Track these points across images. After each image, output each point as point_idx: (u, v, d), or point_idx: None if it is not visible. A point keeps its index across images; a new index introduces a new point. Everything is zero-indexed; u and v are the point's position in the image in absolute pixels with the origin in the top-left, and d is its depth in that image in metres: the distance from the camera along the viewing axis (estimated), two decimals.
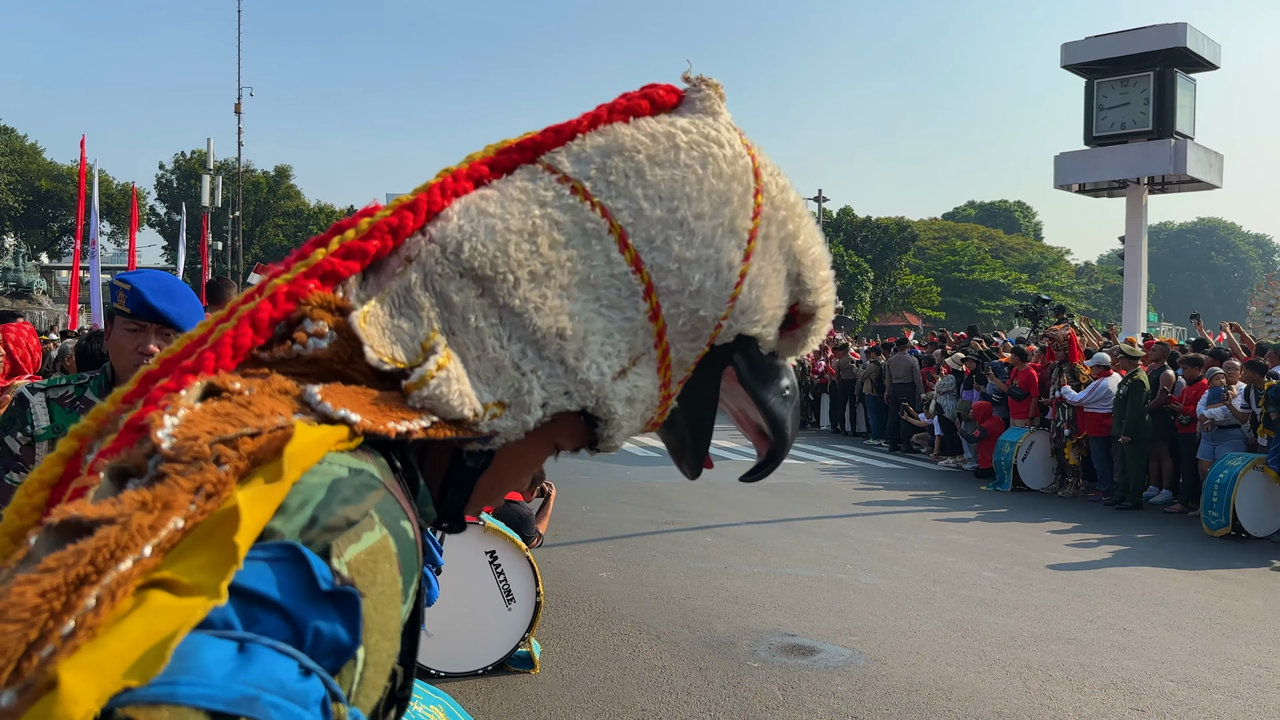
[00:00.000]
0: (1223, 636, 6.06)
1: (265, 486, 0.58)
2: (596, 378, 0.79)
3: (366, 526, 0.62)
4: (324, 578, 0.58)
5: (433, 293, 0.76)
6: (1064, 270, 75.21)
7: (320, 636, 0.57)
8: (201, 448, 0.59)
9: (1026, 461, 12.30)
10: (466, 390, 0.74)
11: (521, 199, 0.79)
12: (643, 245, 0.79)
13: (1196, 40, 17.33)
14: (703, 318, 0.82)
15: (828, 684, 5.04)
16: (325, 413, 0.65)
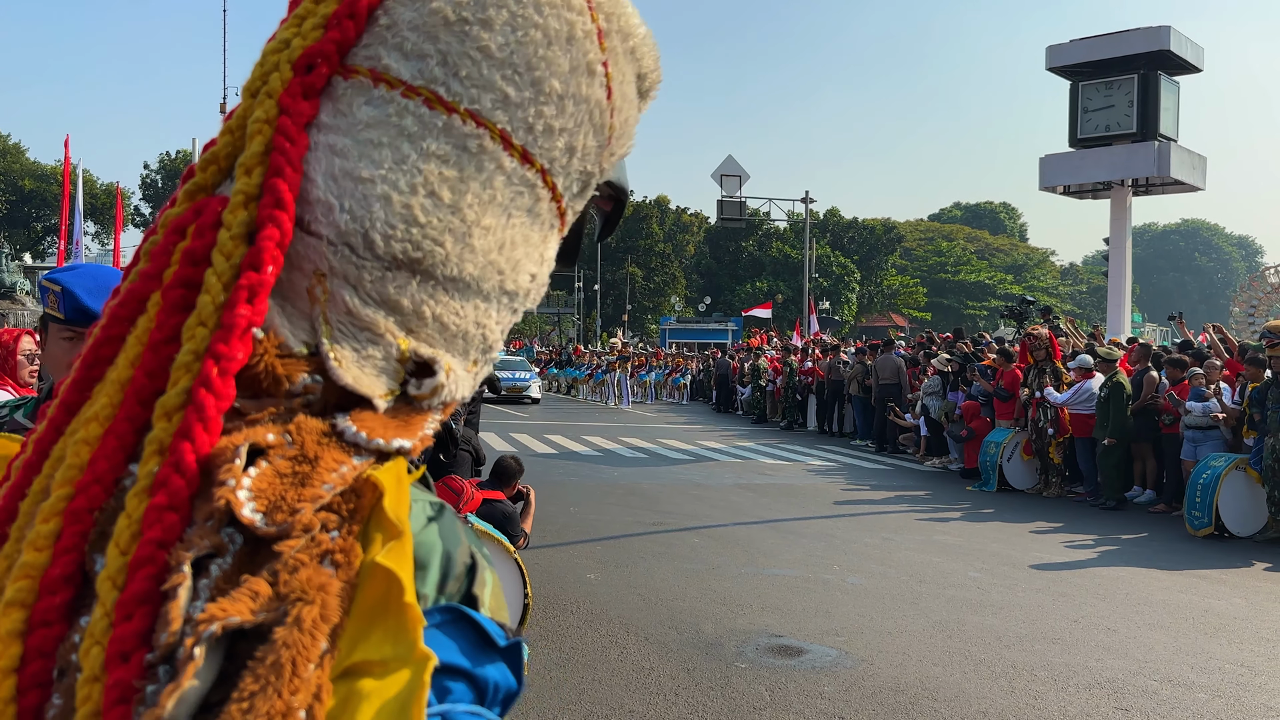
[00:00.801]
0: (1206, 636, 6.11)
1: (395, 545, 0.54)
2: (530, 284, 0.73)
3: (484, 569, 0.62)
4: (498, 636, 0.58)
5: (377, 304, 0.65)
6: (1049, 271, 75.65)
7: (497, 689, 0.58)
8: (308, 519, 0.54)
9: (1012, 462, 12.37)
10: (462, 376, 0.69)
11: (385, 141, 0.64)
12: (526, 137, 0.69)
13: (1180, 43, 17.47)
14: (588, 172, 0.75)
15: (814, 684, 5.06)
16: (379, 449, 0.60)
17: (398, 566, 0.53)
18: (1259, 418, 9.18)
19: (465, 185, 0.66)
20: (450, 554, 0.59)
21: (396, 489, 0.57)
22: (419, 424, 0.64)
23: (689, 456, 15.69)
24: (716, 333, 48.73)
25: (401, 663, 0.51)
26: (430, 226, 0.64)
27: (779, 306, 48.87)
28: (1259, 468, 9.19)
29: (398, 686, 0.50)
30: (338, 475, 0.56)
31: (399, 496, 0.56)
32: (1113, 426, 10.82)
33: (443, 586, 0.58)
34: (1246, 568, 8.17)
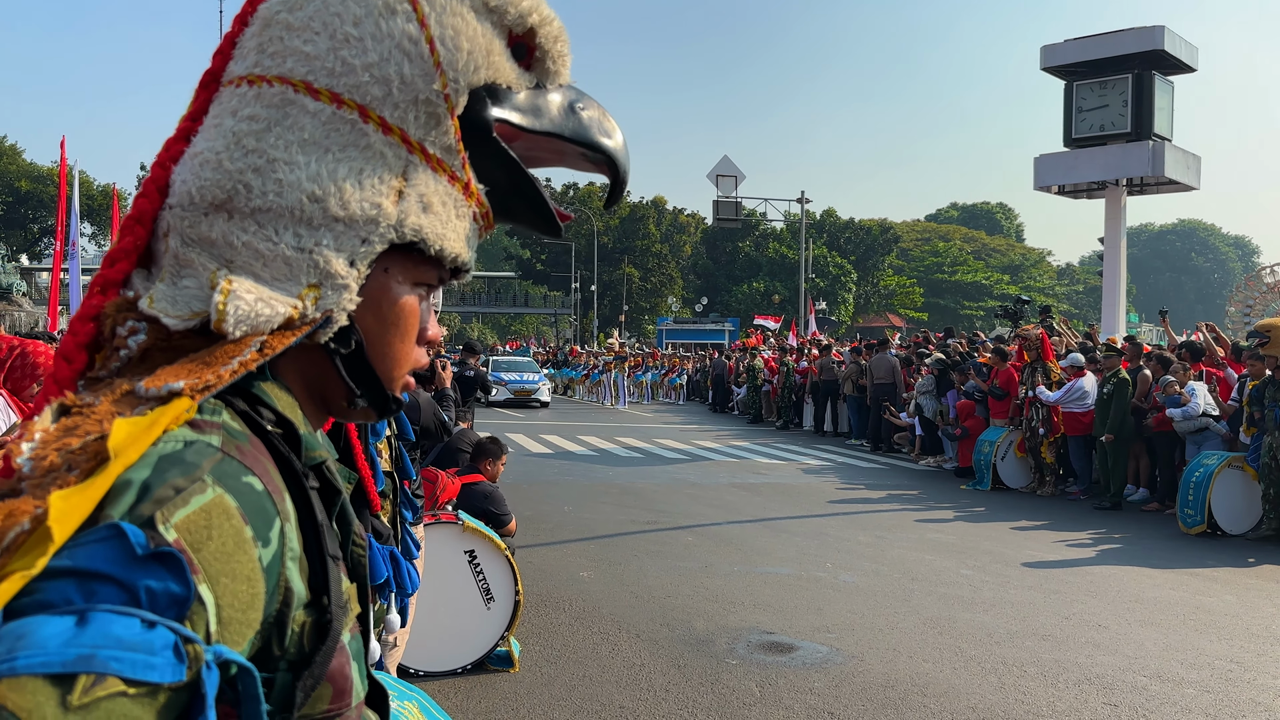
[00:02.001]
0: (1195, 632, 6.13)
1: (86, 482, 0.65)
2: (373, 212, 0.82)
3: (197, 490, 0.69)
4: (139, 544, 0.65)
5: (194, 243, 0.80)
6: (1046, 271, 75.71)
7: (154, 594, 0.64)
8: (50, 461, 0.66)
9: (1005, 461, 12.39)
10: (266, 295, 0.78)
11: (217, 122, 0.83)
12: (329, 81, 0.81)
13: (1174, 43, 17.50)
14: (427, 100, 0.83)
15: (805, 681, 5.07)
16: (154, 396, 0.71)
17: (63, 500, 0.63)
18: (1259, 415, 9.19)
19: (269, 132, 0.81)
20: (154, 482, 0.67)
21: (140, 429, 0.68)
22: (224, 359, 0.75)
23: (684, 456, 15.70)
24: (713, 333, 48.74)
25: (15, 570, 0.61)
26: (233, 171, 0.80)
27: (775, 307, 48.89)
28: (1256, 465, 9.21)
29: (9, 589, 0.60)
30: (99, 426, 0.68)
31: (135, 434, 0.68)
32: (1113, 423, 10.84)
33: (134, 507, 0.66)
34: (1238, 565, 8.18)
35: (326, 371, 0.86)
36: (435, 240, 0.86)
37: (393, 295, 0.87)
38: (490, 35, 0.87)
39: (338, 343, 0.84)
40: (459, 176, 0.87)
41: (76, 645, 0.60)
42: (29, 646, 0.59)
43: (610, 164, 0.97)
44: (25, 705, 0.58)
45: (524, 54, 0.91)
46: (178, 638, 0.64)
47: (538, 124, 0.91)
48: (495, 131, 0.89)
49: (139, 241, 0.81)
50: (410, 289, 0.88)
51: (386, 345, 0.88)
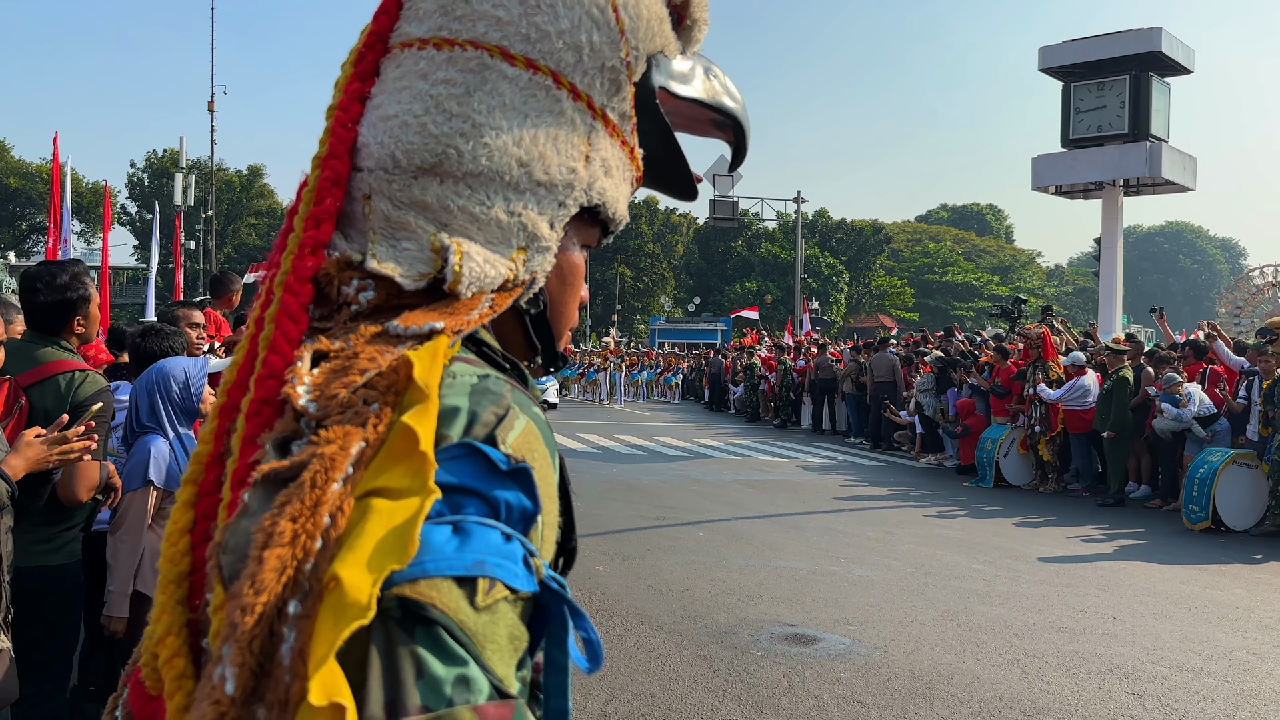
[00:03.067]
0: (1210, 625, 6.19)
1: (421, 406, 0.69)
2: (570, 176, 0.85)
3: (514, 417, 0.74)
4: (500, 461, 0.71)
5: (407, 206, 0.82)
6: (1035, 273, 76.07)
7: (510, 508, 0.70)
8: (346, 397, 0.70)
9: (1008, 458, 12.46)
10: (491, 257, 0.82)
11: (406, 85, 0.83)
12: (524, 47, 0.83)
13: (1171, 45, 17.64)
14: (613, 67, 0.86)
15: (831, 671, 5.11)
16: (415, 334, 0.75)
17: (417, 423, 0.67)
18: (1273, 414, 9.26)
19: (470, 97, 0.82)
20: (477, 408, 0.73)
21: (430, 362, 0.72)
22: (465, 309, 0.80)
23: (686, 454, 15.73)
24: (706, 333, 48.78)
25: (413, 492, 0.65)
26: (440, 136, 0.81)
27: (768, 307, 49.00)
28: (1270, 462, 9.24)
29: (408, 510, 0.64)
30: (374, 363, 0.72)
31: (430, 367, 0.71)
32: (1114, 420, 10.93)
33: (468, 430, 0.71)
34: (1246, 561, 8.26)
35: (513, 330, 0.90)
36: (613, 203, 0.91)
37: (570, 256, 0.92)
38: (661, 3, 0.91)
39: (531, 304, 0.89)
40: (628, 141, 0.91)
41: (470, 552, 0.66)
42: (430, 552, 0.65)
43: (738, 129, 1.02)
44: (448, 603, 0.65)
45: (676, 21, 0.95)
46: (525, 550, 0.70)
47: (689, 91, 0.96)
48: (656, 98, 0.93)
49: (338, 203, 0.82)
50: (580, 249, 0.93)
51: (564, 305, 0.93)
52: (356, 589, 0.60)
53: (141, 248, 52.63)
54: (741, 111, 1.02)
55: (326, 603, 0.60)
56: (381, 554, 0.62)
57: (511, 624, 0.68)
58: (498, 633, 0.67)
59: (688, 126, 1.01)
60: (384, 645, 0.63)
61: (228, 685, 0.61)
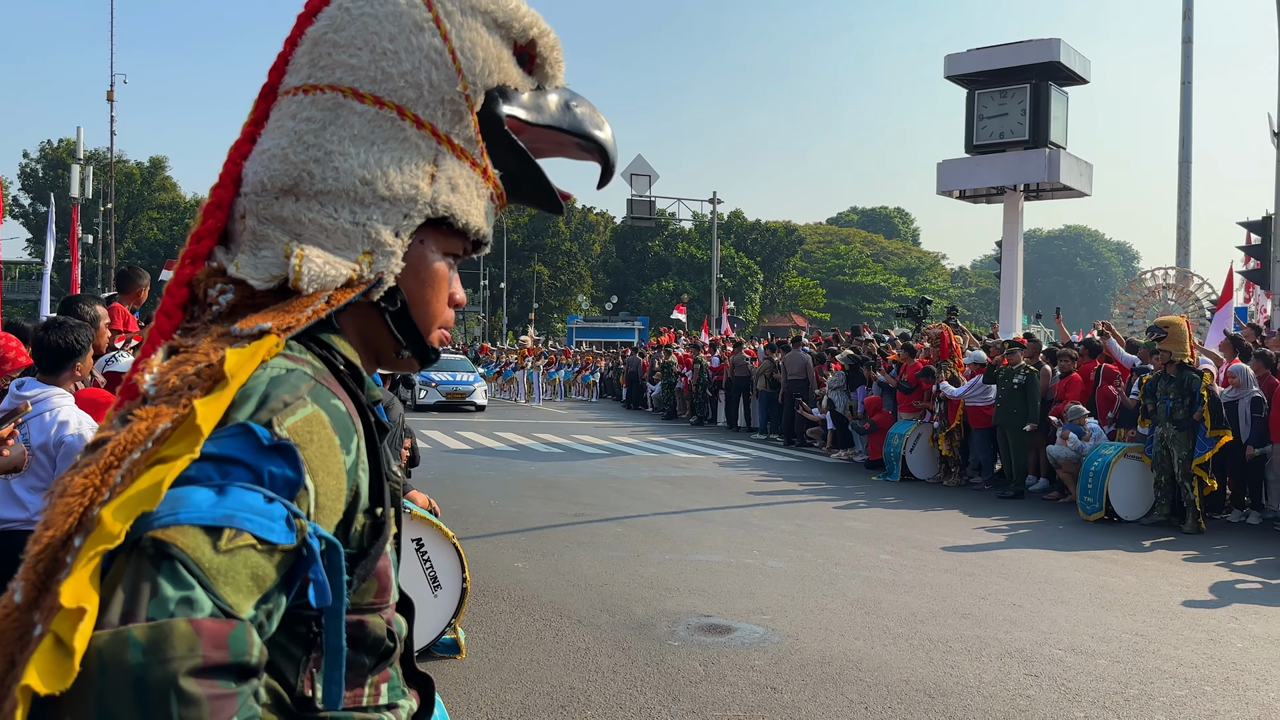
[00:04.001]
0: (1102, 609, 6.51)
1: (219, 392, 0.87)
2: (413, 192, 1.02)
3: (300, 405, 0.90)
4: (265, 438, 0.86)
5: (269, 221, 1.01)
6: (940, 274, 78.32)
7: (274, 477, 0.86)
8: (175, 382, 0.88)
9: (914, 453, 12.86)
10: (333, 259, 0.99)
11: (280, 124, 1.03)
12: (372, 87, 1.02)
13: (1069, 55, 18.37)
14: (452, 100, 1.04)
15: (746, 659, 5.23)
16: (248, 334, 0.93)
17: (204, 405, 0.85)
18: (1151, 408, 9.77)
19: (325, 130, 1.01)
20: (269, 395, 0.89)
21: (247, 357, 0.89)
22: (300, 307, 0.96)
23: (604, 451, 15.80)
24: (623, 331, 48.93)
25: (179, 456, 0.83)
26: (298, 162, 1.01)
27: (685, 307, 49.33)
28: (1151, 454, 9.78)
29: (171, 470, 0.82)
30: (208, 356, 0.89)
31: (244, 362, 0.88)
32: (1031, 413, 11.39)
33: (254, 414, 0.87)
34: (1135, 549, 8.70)
35: (378, 327, 1.07)
36: (462, 215, 1.06)
37: (428, 262, 1.07)
38: (500, 45, 1.08)
39: (386, 301, 1.04)
40: (479, 162, 1.07)
41: (222, 508, 0.82)
42: (186, 506, 0.82)
43: (601, 152, 1.17)
44: (188, 544, 0.80)
45: (527, 61, 1.11)
46: (289, 512, 0.86)
47: (540, 118, 1.11)
48: (506, 125, 1.09)
49: (219, 224, 1.03)
50: (441, 257, 1.09)
51: (425, 304, 1.08)
52: (110, 523, 0.78)
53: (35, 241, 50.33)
54: (605, 138, 1.16)
55: (91, 536, 0.79)
56: (136, 501, 0.80)
57: (255, 565, 0.83)
58: (236, 571, 0.82)
59: (556, 150, 1.17)
60: (133, 574, 0.79)
61: (16, 595, 0.80)
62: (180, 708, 0.76)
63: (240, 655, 0.80)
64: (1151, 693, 4.88)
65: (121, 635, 0.76)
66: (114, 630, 0.76)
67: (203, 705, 0.77)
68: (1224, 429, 9.37)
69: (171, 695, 0.76)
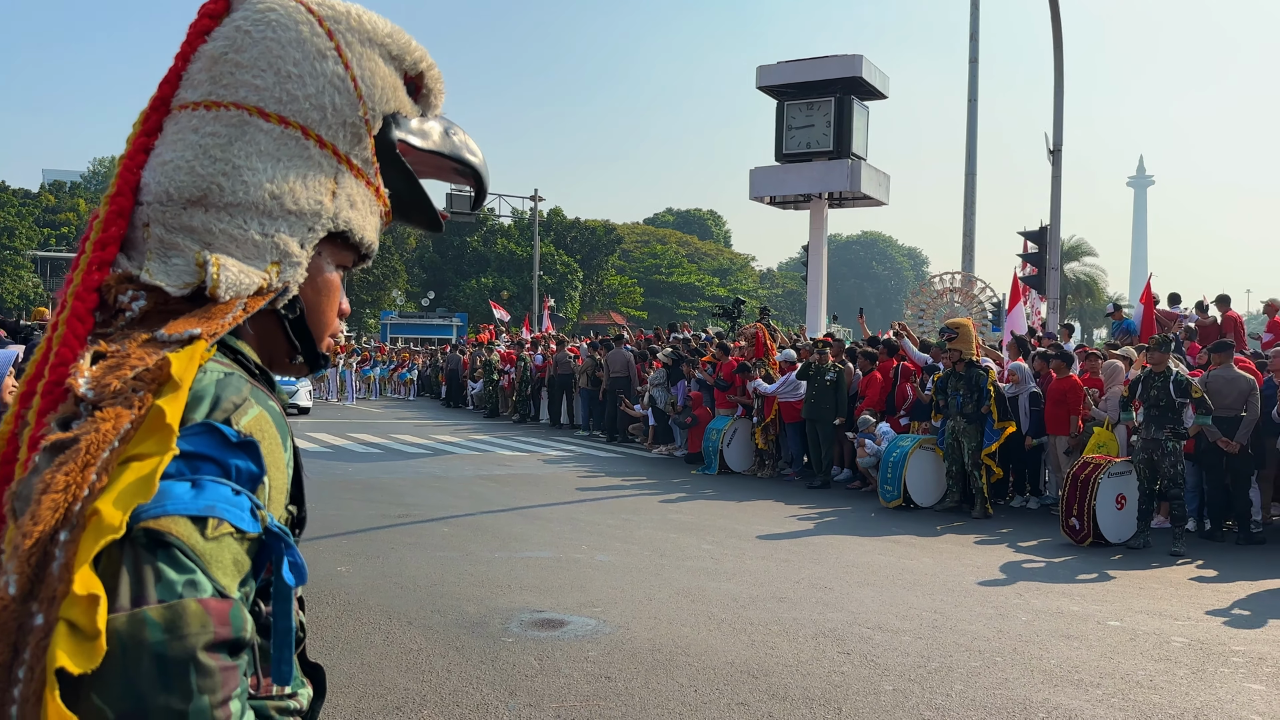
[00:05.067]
0: (904, 590, 7.05)
1: (173, 394, 0.90)
2: (317, 207, 1.08)
3: (249, 405, 0.97)
4: (232, 435, 0.93)
5: (177, 230, 1.04)
6: (750, 275, 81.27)
7: (240, 471, 0.93)
8: (117, 385, 0.90)
9: (731, 447, 13.38)
10: (246, 269, 1.03)
11: (181, 137, 1.05)
12: (277, 107, 1.07)
13: (870, 71, 19.54)
14: (353, 123, 1.11)
15: (580, 651, 5.35)
16: (177, 340, 0.96)
17: (167, 406, 0.89)
18: (942, 403, 10.60)
19: (232, 145, 1.05)
20: (220, 396, 0.95)
21: (187, 361, 0.93)
22: (220, 313, 1.00)
23: (425, 450, 15.54)
24: (440, 328, 48.08)
25: (157, 454, 0.87)
26: (206, 175, 1.04)
27: (504, 303, 49.02)
28: (943, 446, 10.61)
29: (150, 465, 0.86)
30: (143, 361, 0.92)
31: (186, 366, 0.92)
32: (840, 408, 12.10)
33: (210, 414, 0.93)
34: (930, 534, 9.43)
35: (276, 333, 1.12)
36: (359, 230, 1.13)
37: (324, 272, 1.14)
38: (394, 75, 1.16)
39: (287, 309, 1.10)
40: (373, 182, 1.15)
41: (203, 499, 0.89)
42: (170, 498, 0.88)
43: (476, 176, 1.27)
44: (182, 533, 0.87)
45: (414, 90, 1.19)
46: (252, 503, 0.93)
47: (426, 144, 1.20)
48: (397, 149, 1.17)
49: (122, 231, 1.05)
50: (335, 269, 1.16)
51: (320, 312, 1.15)
52: (111, 516, 0.83)
53: None
54: (480, 163, 1.26)
55: (89, 528, 0.83)
56: (130, 494, 0.85)
57: (235, 551, 0.90)
58: (223, 556, 0.89)
59: (435, 173, 1.25)
60: (132, 562, 0.85)
61: (10, 588, 0.83)
62: (199, 679, 0.84)
63: (239, 630, 0.88)
64: (950, 665, 5.35)
65: (138, 616, 0.83)
66: (129, 613, 0.83)
67: (215, 676, 0.85)
68: (1009, 420, 10.30)
69: (191, 668, 0.84)
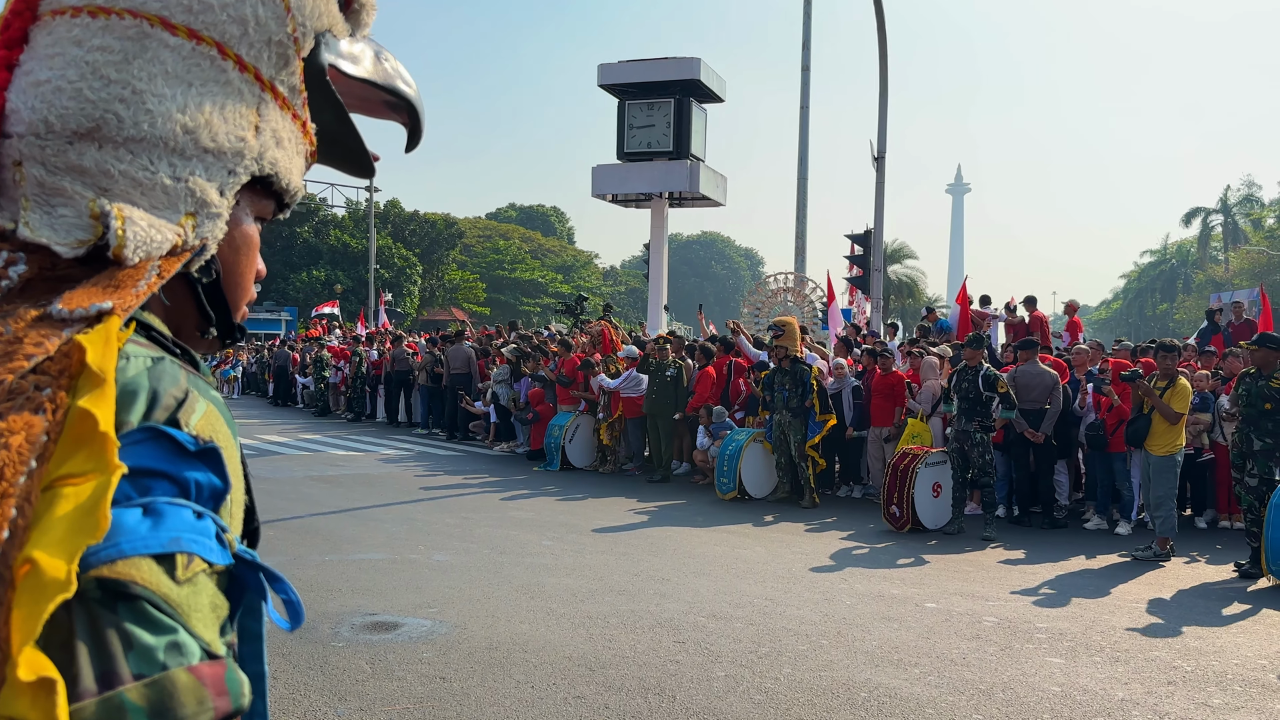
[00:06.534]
0: (738, 578, 7.25)
1: (98, 391, 0.69)
2: (239, 144, 0.86)
3: (195, 399, 0.77)
4: (188, 442, 0.73)
5: (62, 171, 0.79)
6: (594, 273, 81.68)
7: (200, 487, 0.73)
8: (14, 383, 0.68)
9: (573, 443, 13.41)
10: (156, 222, 0.80)
11: (59, 51, 0.80)
12: (186, 18, 0.83)
13: (708, 74, 19.97)
14: (279, 41, 0.88)
15: (414, 653, 5.24)
16: (82, 316, 0.73)
17: (95, 407, 0.67)
18: (769, 399, 10.95)
19: (130, 64, 0.81)
20: (157, 390, 0.74)
21: (103, 346, 0.70)
22: (131, 280, 0.77)
23: (250, 451, 14.81)
24: (269, 323, 46.00)
25: (96, 473, 0.66)
26: (97, 101, 0.79)
27: (338, 297, 47.43)
28: (771, 440, 10.98)
29: (90, 489, 0.65)
30: (41, 348, 0.70)
31: (105, 352, 0.70)
32: (680, 403, 12.30)
33: (148, 414, 0.73)
34: (762, 523, 9.74)
35: (184, 302, 0.89)
36: (285, 174, 0.91)
37: (244, 226, 0.91)
38: None
39: (201, 273, 0.88)
40: (300, 115, 0.92)
41: (164, 530, 0.69)
42: (124, 534, 0.67)
43: (411, 111, 1.06)
44: (149, 579, 0.67)
45: (344, 5, 0.97)
46: (217, 527, 0.74)
47: (358, 70, 0.99)
48: (327, 75, 0.95)
49: None
50: (253, 221, 0.93)
51: (239, 275, 0.93)
52: (54, 567, 0.62)
53: None
54: (415, 95, 1.05)
55: (23, 586, 0.61)
56: (74, 533, 0.64)
57: (212, 594, 0.72)
58: (200, 602, 0.70)
59: (361, 107, 1.03)
60: (88, 625, 0.64)
61: None
62: None
63: (238, 700, 0.70)
64: (780, 650, 5.54)
65: (113, 702, 0.63)
66: (100, 699, 0.63)
67: None
68: (830, 414, 10.76)
69: None
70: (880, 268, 17.56)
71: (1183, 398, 8.26)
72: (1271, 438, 7.78)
